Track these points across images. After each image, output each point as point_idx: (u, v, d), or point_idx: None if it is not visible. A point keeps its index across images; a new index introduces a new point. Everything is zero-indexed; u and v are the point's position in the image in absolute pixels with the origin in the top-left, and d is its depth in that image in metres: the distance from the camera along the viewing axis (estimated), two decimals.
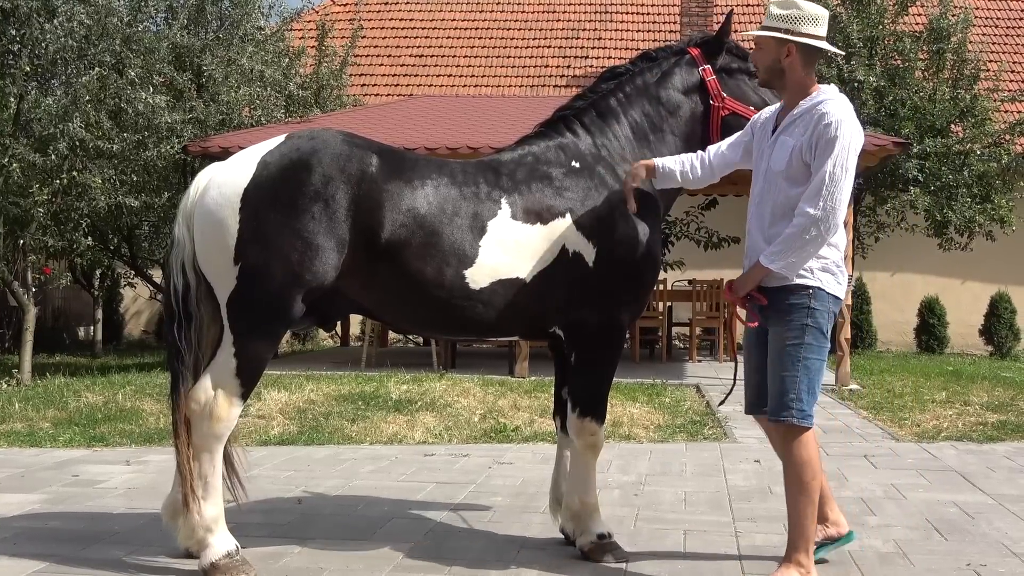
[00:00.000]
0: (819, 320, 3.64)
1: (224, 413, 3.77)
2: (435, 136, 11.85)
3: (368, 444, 6.96)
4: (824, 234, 3.54)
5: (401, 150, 4.15)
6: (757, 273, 3.66)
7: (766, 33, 3.70)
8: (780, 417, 3.63)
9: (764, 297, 3.68)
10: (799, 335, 3.62)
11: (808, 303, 3.63)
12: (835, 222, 3.53)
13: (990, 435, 7.33)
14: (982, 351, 16.52)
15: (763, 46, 3.75)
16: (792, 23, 3.67)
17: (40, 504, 5.08)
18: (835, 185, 3.51)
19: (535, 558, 4.14)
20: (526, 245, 3.96)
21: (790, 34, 3.67)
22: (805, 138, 3.60)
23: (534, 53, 20.25)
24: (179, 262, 3.92)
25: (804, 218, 3.52)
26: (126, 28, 11.92)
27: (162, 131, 11.97)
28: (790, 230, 3.56)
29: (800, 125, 3.64)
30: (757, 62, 3.83)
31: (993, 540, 4.49)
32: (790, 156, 3.62)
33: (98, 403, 8.21)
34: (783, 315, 3.65)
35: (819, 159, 3.55)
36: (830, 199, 3.51)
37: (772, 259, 3.60)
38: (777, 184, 3.68)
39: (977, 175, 14.47)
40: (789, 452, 3.66)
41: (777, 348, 3.66)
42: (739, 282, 3.74)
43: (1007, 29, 20.42)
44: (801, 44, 3.68)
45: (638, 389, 9.28)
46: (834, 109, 3.58)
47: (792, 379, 3.61)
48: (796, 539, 3.67)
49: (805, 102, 3.68)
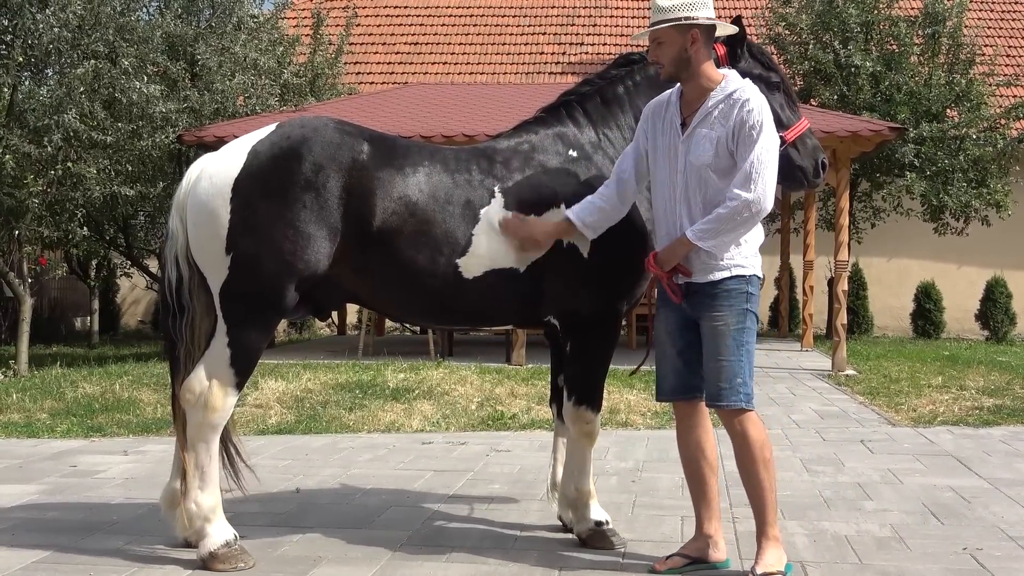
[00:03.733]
0: (754, 304, 3.71)
1: (219, 403, 3.77)
2: (430, 124, 11.83)
3: (366, 432, 6.97)
4: (756, 216, 3.58)
5: (393, 137, 4.12)
6: (682, 248, 3.66)
7: (665, 24, 3.65)
8: (730, 402, 3.66)
9: (689, 270, 3.68)
10: (741, 320, 3.66)
11: (746, 288, 3.68)
12: (766, 205, 3.57)
13: (986, 419, 7.35)
14: (978, 336, 16.55)
15: (664, 39, 3.68)
16: (686, 9, 3.64)
17: (38, 495, 5.08)
18: (764, 168, 3.55)
19: (533, 545, 4.15)
20: None
21: (689, 20, 3.63)
22: (727, 128, 3.60)
23: (529, 40, 20.20)
24: (173, 253, 3.92)
25: (737, 201, 3.54)
26: (119, 17, 11.86)
27: (157, 121, 11.94)
28: (722, 211, 3.57)
29: (718, 116, 3.63)
30: (661, 58, 3.72)
31: (989, 524, 4.51)
32: (715, 148, 3.62)
33: (95, 393, 8.21)
34: (720, 300, 3.66)
35: (745, 145, 3.56)
36: (760, 182, 3.55)
37: (701, 236, 3.59)
38: (703, 177, 3.66)
39: (973, 160, 14.47)
40: (744, 433, 3.69)
41: (717, 334, 3.66)
42: (664, 256, 3.71)
43: (1002, 13, 20.40)
44: (704, 27, 3.66)
45: (634, 376, 9.28)
46: (752, 95, 3.61)
47: (738, 363, 3.65)
48: (765, 513, 3.71)
49: (717, 92, 3.66)
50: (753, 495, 3.74)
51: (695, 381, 3.80)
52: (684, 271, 3.70)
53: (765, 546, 3.70)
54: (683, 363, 3.80)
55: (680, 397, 3.85)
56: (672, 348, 3.83)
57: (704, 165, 3.64)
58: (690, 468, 3.89)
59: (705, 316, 3.69)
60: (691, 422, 3.87)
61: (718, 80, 3.69)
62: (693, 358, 3.77)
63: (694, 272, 3.68)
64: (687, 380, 3.81)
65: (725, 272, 3.67)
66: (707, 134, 3.64)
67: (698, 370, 3.77)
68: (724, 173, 3.62)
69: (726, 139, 3.60)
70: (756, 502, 3.74)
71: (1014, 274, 16.69)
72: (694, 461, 3.87)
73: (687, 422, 3.88)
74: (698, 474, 3.87)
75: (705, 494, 3.86)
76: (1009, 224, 15.30)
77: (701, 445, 3.86)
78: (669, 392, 3.87)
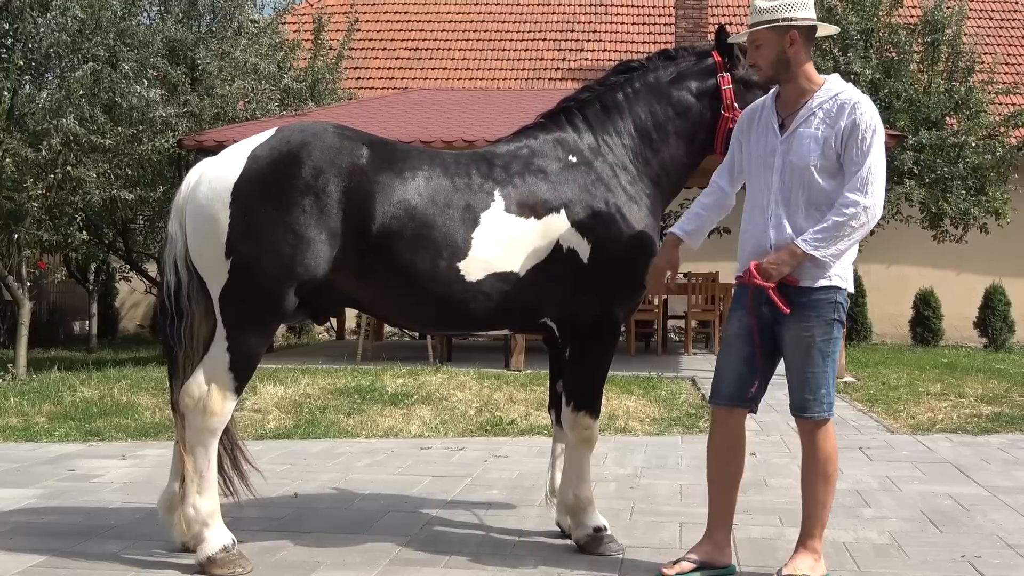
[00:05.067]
0: (842, 314, 3.64)
1: (218, 407, 3.77)
2: (430, 129, 11.83)
3: (364, 438, 6.96)
4: (871, 222, 3.51)
5: (392, 141, 4.11)
6: (793, 259, 3.54)
7: (764, 26, 3.62)
8: (815, 414, 3.62)
9: (797, 279, 3.58)
10: (828, 331, 3.60)
11: (835, 298, 3.61)
12: (879, 212, 3.52)
13: (985, 427, 7.35)
14: (977, 343, 16.54)
15: (762, 42, 3.65)
16: (785, 10, 3.61)
17: (36, 499, 5.07)
18: (879, 173, 3.51)
19: (531, 551, 4.14)
20: (519, 239, 3.95)
21: (788, 21, 3.60)
22: (835, 130, 3.55)
23: (529, 46, 20.22)
24: (172, 258, 3.92)
25: (854, 207, 3.47)
26: (120, 22, 11.87)
27: (156, 125, 11.93)
28: (838, 218, 3.48)
29: (823, 117, 3.59)
30: (759, 60, 3.69)
31: (988, 532, 4.51)
32: (821, 149, 3.55)
33: (94, 397, 8.20)
34: (812, 311, 3.59)
35: (861, 149, 3.50)
36: (877, 187, 3.50)
37: (816, 246, 3.49)
38: (805, 177, 3.58)
39: (972, 167, 14.48)
40: (816, 445, 3.65)
41: (804, 345, 3.60)
42: (774, 267, 3.56)
43: (1001, 21, 20.43)
44: (804, 28, 3.62)
45: (633, 382, 9.29)
46: (862, 99, 3.57)
47: (823, 374, 3.60)
48: (812, 526, 3.68)
49: (820, 93, 3.63)
50: (805, 505, 3.71)
51: (749, 391, 3.74)
52: (792, 280, 3.58)
53: (800, 553, 3.67)
54: (747, 370, 3.73)
55: (736, 404, 3.76)
56: (738, 354, 3.75)
57: (808, 165, 3.57)
58: (716, 473, 3.84)
59: (792, 326, 3.61)
60: (729, 429, 3.81)
61: (819, 82, 3.67)
62: (755, 366, 3.71)
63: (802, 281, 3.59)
64: (744, 388, 3.74)
65: (825, 281, 3.58)
66: (812, 134, 3.58)
67: (754, 380, 3.71)
68: (829, 174, 3.57)
69: (833, 140, 3.55)
70: (806, 512, 3.71)
71: (1013, 282, 16.68)
72: (723, 467, 3.82)
73: (725, 428, 3.81)
74: (722, 480, 3.83)
75: (724, 501, 3.84)
76: (1008, 232, 15.30)
77: (734, 453, 3.82)
78: (726, 397, 3.78)
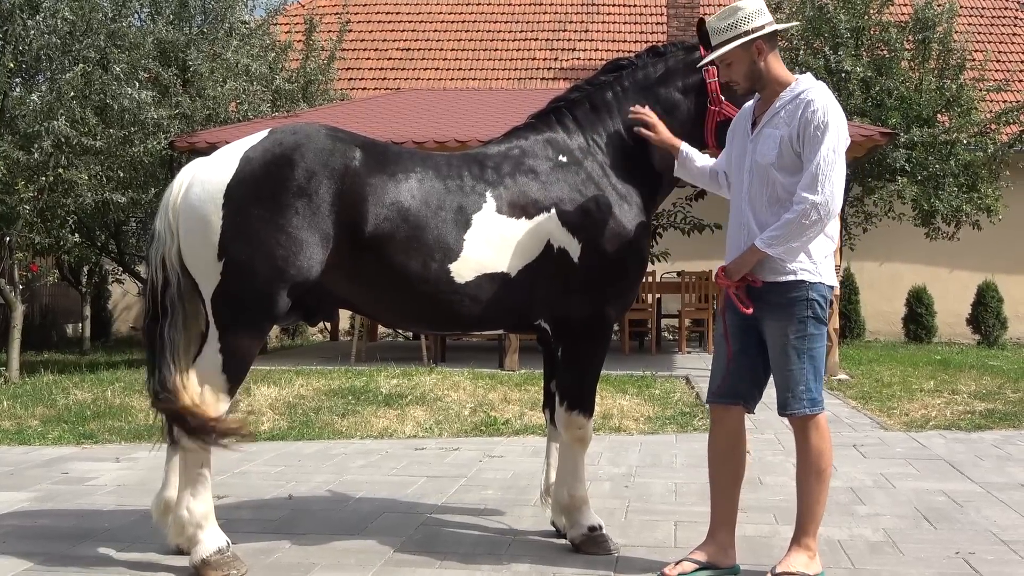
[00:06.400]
0: (818, 311, 3.65)
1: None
2: (423, 130, 11.83)
3: (358, 439, 6.96)
4: (824, 218, 3.54)
5: (385, 143, 4.12)
6: (752, 257, 3.63)
7: (729, 46, 3.66)
8: (795, 410, 3.64)
9: (758, 279, 3.65)
10: (802, 328, 3.62)
11: (807, 295, 3.63)
12: (835, 206, 3.54)
13: (978, 424, 7.37)
14: (969, 340, 16.59)
15: (732, 60, 3.70)
16: (744, 23, 3.65)
17: (29, 502, 5.06)
18: (831, 169, 3.52)
19: (526, 551, 4.14)
20: (511, 239, 3.95)
21: (750, 35, 3.64)
22: (793, 128, 3.59)
23: (521, 46, 20.22)
24: (159, 256, 3.90)
25: (804, 204, 3.51)
26: (110, 23, 11.82)
27: (148, 127, 11.91)
28: (790, 216, 3.54)
29: (784, 116, 3.63)
30: (733, 77, 3.75)
31: (981, 528, 4.52)
32: (779, 147, 3.61)
33: (87, 400, 8.18)
34: (783, 309, 3.63)
35: (811, 146, 3.54)
36: (827, 183, 3.51)
37: (770, 243, 3.56)
38: (768, 176, 3.65)
39: (964, 164, 14.52)
40: (807, 441, 3.67)
41: (780, 344, 3.64)
42: (733, 266, 3.69)
43: (992, 19, 20.49)
44: (767, 35, 3.66)
45: (628, 381, 9.30)
46: (818, 96, 3.59)
47: (800, 371, 3.62)
48: (806, 523, 3.68)
49: (785, 93, 3.67)
50: (799, 502, 3.72)
51: (741, 388, 3.77)
52: (754, 280, 3.66)
53: (794, 550, 3.67)
54: (736, 367, 3.76)
55: (728, 401, 3.80)
56: (724, 353, 3.81)
57: (769, 164, 3.63)
58: (716, 472, 3.86)
59: (769, 325, 3.67)
60: (727, 427, 3.83)
61: (789, 81, 3.70)
62: (745, 363, 3.75)
63: (763, 277, 3.64)
64: (734, 385, 3.78)
65: (790, 276, 3.62)
66: (772, 133, 3.64)
67: (746, 377, 3.75)
68: (789, 172, 3.60)
69: (790, 139, 3.59)
70: (800, 509, 3.72)
71: (1005, 278, 16.74)
72: (721, 466, 3.84)
73: (723, 427, 3.83)
74: (722, 479, 3.84)
75: (725, 501, 3.84)
76: (1000, 228, 15.34)
77: (732, 451, 3.83)
78: (716, 394, 3.83)
